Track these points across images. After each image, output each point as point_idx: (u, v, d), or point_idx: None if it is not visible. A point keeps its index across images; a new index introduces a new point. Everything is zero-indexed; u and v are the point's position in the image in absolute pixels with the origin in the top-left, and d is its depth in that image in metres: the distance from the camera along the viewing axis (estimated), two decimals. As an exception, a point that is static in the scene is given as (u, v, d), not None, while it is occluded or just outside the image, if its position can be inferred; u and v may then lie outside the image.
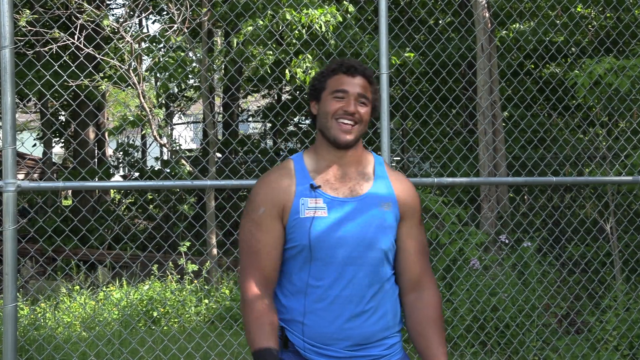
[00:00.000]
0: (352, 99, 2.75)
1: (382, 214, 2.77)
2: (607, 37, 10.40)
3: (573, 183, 7.68)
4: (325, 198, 2.73)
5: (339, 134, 2.74)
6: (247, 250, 2.73)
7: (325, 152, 2.81)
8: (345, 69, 2.79)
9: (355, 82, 2.77)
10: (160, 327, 8.03)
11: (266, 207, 2.72)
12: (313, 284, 2.70)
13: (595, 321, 6.95)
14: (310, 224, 2.68)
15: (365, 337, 2.72)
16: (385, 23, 4.98)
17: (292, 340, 2.72)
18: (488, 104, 8.84)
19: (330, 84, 2.79)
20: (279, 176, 2.78)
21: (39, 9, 9.58)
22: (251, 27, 9.27)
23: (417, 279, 2.86)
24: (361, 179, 2.81)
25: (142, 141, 20.09)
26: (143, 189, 4.61)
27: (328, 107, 2.76)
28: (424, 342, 2.81)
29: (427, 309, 2.84)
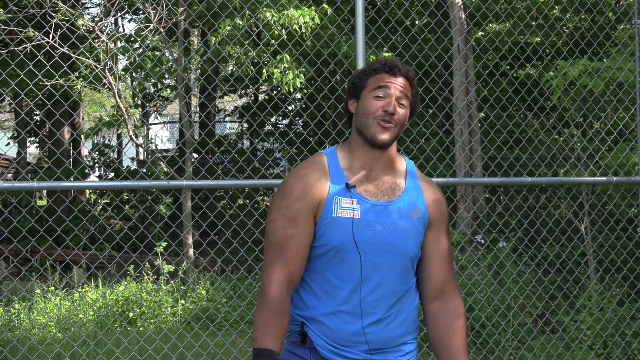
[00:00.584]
0: (393, 99, 2.70)
1: (412, 220, 2.73)
2: (582, 38, 10.49)
3: (548, 183, 7.73)
4: (359, 199, 2.68)
5: (377, 133, 2.68)
6: (278, 246, 2.65)
7: (359, 151, 2.75)
8: (388, 68, 2.74)
9: (397, 83, 2.72)
10: (136, 328, 7.99)
11: (302, 203, 2.65)
12: (338, 286, 2.66)
13: (569, 321, 7.00)
14: (344, 225, 2.64)
15: (384, 341, 2.69)
16: (362, 23, 4.99)
17: (311, 337, 2.68)
18: (464, 105, 8.89)
19: (372, 83, 2.74)
20: (314, 172, 2.71)
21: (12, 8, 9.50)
22: (229, 27, 9.25)
23: (441, 287, 2.82)
24: (393, 183, 2.77)
25: (117, 141, 19.98)
26: (119, 189, 4.59)
27: (368, 106, 2.70)
28: (447, 351, 2.79)
29: (452, 317, 2.81)
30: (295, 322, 2.72)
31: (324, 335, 2.67)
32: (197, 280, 9.77)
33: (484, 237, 8.00)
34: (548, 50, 10.81)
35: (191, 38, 15.38)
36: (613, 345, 6.60)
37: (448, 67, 10.73)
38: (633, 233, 7.68)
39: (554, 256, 8.32)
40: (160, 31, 9.14)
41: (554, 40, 10.99)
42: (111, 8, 9.80)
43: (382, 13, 12.02)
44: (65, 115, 14.07)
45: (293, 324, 2.72)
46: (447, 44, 9.93)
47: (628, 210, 7.53)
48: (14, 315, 8.30)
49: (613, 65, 6.82)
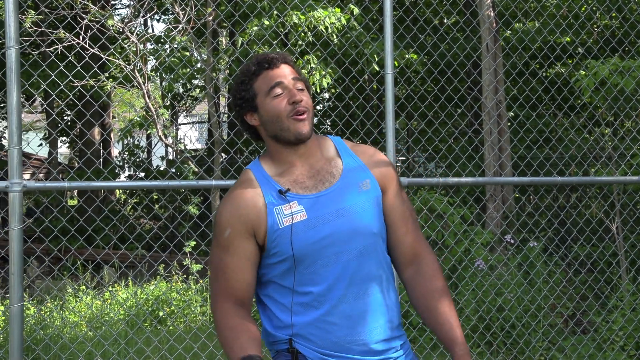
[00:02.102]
0: (292, 88, 2.52)
1: (363, 194, 2.56)
2: (613, 37, 10.39)
3: (579, 183, 7.68)
4: (300, 199, 2.50)
5: (298, 129, 2.50)
6: (217, 275, 2.54)
7: (283, 155, 2.57)
8: (267, 64, 2.55)
9: (283, 72, 2.54)
10: (166, 327, 8.04)
11: (232, 227, 2.50)
12: (312, 292, 2.50)
13: (601, 321, 6.94)
14: (290, 233, 2.47)
15: (376, 339, 2.53)
16: (390, 23, 4.98)
17: (302, 351, 2.52)
18: (493, 104, 8.84)
19: (261, 86, 2.55)
20: (242, 191, 2.54)
21: (44, 9, 9.60)
22: (256, 27, 9.28)
23: (411, 250, 2.64)
24: (328, 166, 2.59)
25: (147, 141, 20.10)
26: (148, 189, 4.63)
27: (274, 109, 2.52)
28: (433, 315, 2.59)
29: (429, 280, 2.61)
30: (280, 342, 2.56)
31: (314, 345, 2.51)
32: (226, 280, 9.79)
33: (513, 237, 7.95)
34: (578, 49, 10.73)
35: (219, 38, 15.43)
36: (645, 346, 6.54)
37: (477, 66, 10.68)
38: (665, 233, 7.60)
39: (585, 256, 8.25)
40: (189, 32, 9.18)
41: (584, 39, 10.90)
42: (140, 9, 9.87)
43: (410, 12, 11.99)
44: (95, 116, 14.19)
45: (280, 343, 2.56)
46: (476, 43, 9.88)
47: (660, 209, 7.45)
48: (46, 314, 8.38)
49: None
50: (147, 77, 9.09)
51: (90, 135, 14.48)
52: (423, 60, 10.47)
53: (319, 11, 9.10)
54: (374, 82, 13.25)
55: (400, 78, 10.83)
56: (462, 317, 7.09)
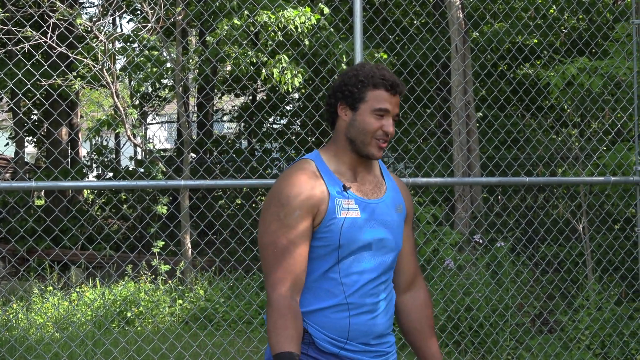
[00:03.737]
0: (391, 118, 2.79)
1: (396, 216, 2.88)
2: (580, 38, 10.49)
3: (546, 183, 7.75)
4: (356, 200, 2.78)
5: (375, 152, 2.79)
6: (280, 254, 2.69)
7: (347, 156, 2.83)
8: (389, 86, 2.78)
9: (394, 102, 2.80)
10: (134, 328, 7.99)
11: (300, 210, 2.70)
12: (339, 282, 2.75)
13: (567, 320, 7.01)
14: (347, 225, 2.73)
15: (376, 332, 2.81)
16: (360, 23, 4.99)
17: (310, 331, 2.74)
18: (462, 105, 8.89)
19: (372, 99, 2.77)
20: (308, 178, 2.76)
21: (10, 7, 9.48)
22: (227, 26, 9.25)
23: (412, 278, 3.00)
24: (377, 182, 2.89)
25: (115, 141, 19.95)
26: (117, 188, 4.59)
27: (368, 125, 2.76)
28: (422, 339, 2.98)
29: (422, 308, 2.99)
30: None
31: (323, 328, 2.74)
32: (195, 280, 9.77)
33: (481, 237, 8.00)
34: (546, 50, 10.82)
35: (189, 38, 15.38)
36: (611, 345, 6.61)
37: (446, 66, 10.73)
38: (631, 233, 7.68)
39: (552, 256, 8.33)
40: (158, 31, 9.13)
41: (552, 40, 11.00)
42: (109, 8, 9.79)
43: (380, 13, 12.02)
44: (63, 115, 14.05)
45: None
46: (445, 44, 9.93)
47: (626, 210, 7.54)
48: (11, 315, 8.29)
49: (611, 64, 6.83)
50: (115, 77, 9.02)
51: (58, 134, 14.34)
52: (392, 60, 10.50)
53: (289, 11, 9.08)
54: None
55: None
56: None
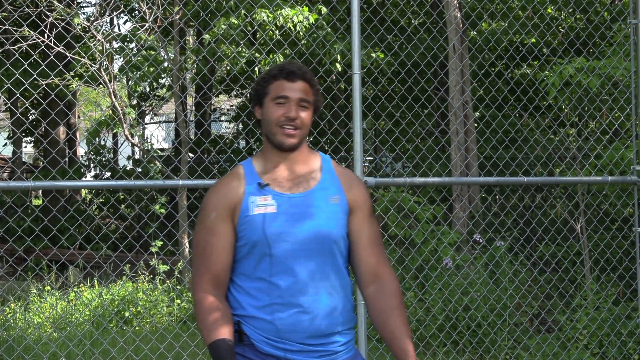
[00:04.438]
0: (293, 104, 2.82)
1: (331, 206, 2.85)
2: (577, 38, 10.50)
3: (544, 183, 7.75)
4: (274, 195, 2.81)
5: (283, 139, 2.82)
6: (201, 255, 2.82)
7: (271, 154, 2.89)
8: (285, 74, 2.85)
9: (295, 87, 2.84)
10: (132, 328, 7.98)
11: (217, 211, 2.81)
12: (265, 279, 2.77)
13: (565, 320, 7.01)
14: (260, 221, 2.77)
15: (318, 330, 2.79)
16: (358, 23, 4.98)
17: (248, 333, 2.79)
18: (460, 105, 8.89)
19: (272, 90, 2.85)
20: (228, 181, 2.87)
21: (8, 7, 9.48)
22: (224, 26, 9.24)
23: (374, 270, 2.92)
24: (308, 176, 2.90)
25: (113, 140, 19.94)
26: (115, 188, 4.59)
27: (271, 114, 2.84)
28: (389, 331, 2.87)
29: (388, 298, 2.90)
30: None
31: (260, 329, 2.77)
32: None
33: (480, 237, 8.00)
34: (544, 49, 10.83)
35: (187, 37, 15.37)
36: (609, 344, 6.61)
37: (444, 66, 10.73)
38: (628, 232, 7.68)
39: (550, 255, 8.33)
40: (156, 31, 9.12)
41: (550, 40, 11.00)
42: (106, 7, 9.78)
43: (378, 13, 12.02)
44: (60, 115, 14.05)
45: None
46: (443, 44, 9.93)
47: (623, 209, 7.55)
48: (9, 315, 8.29)
49: (608, 64, 6.83)
50: (113, 76, 9.01)
51: (55, 134, 14.33)
52: (390, 60, 10.50)
53: (287, 10, 9.08)
54: (342, 82, 13.27)
55: (368, 78, 10.86)
56: (428, 316, 7.13)
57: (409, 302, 7.39)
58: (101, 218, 15.91)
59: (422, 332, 7.07)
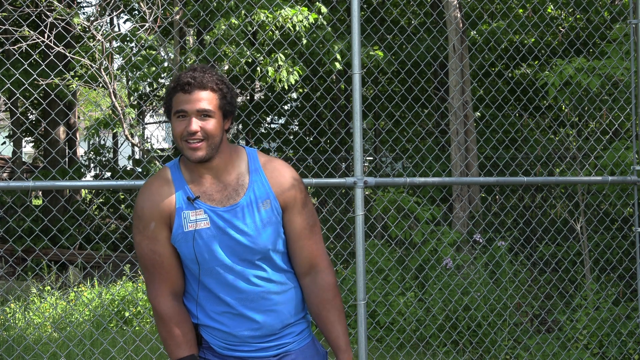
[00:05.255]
0: (193, 116, 2.71)
1: (263, 214, 2.80)
2: (577, 38, 10.50)
3: (544, 183, 7.74)
4: (206, 209, 2.75)
5: (190, 154, 2.73)
6: (151, 266, 2.77)
7: (193, 166, 2.81)
8: (181, 87, 2.74)
9: (193, 99, 2.72)
10: (132, 328, 7.98)
11: (155, 220, 2.75)
12: (211, 292, 2.79)
13: (565, 320, 7.01)
14: (193, 238, 2.73)
15: (272, 329, 2.82)
16: (358, 23, 4.99)
17: (206, 337, 2.83)
18: (460, 104, 8.89)
19: (173, 104, 2.76)
20: (159, 187, 2.79)
21: (7, 7, 9.47)
22: (224, 26, 9.24)
23: (308, 262, 2.91)
24: (236, 183, 2.82)
25: (113, 140, 19.94)
26: (115, 188, 4.59)
27: (174, 129, 2.75)
28: (323, 323, 2.92)
29: (321, 291, 2.90)
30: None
31: (216, 336, 2.82)
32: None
33: (480, 237, 8.00)
34: (544, 50, 10.82)
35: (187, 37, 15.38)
36: (609, 344, 6.61)
37: (444, 66, 10.73)
38: (628, 232, 7.69)
39: (550, 255, 8.33)
40: (156, 30, 9.12)
41: (550, 40, 11.00)
42: (107, 7, 9.78)
43: (378, 12, 12.02)
44: (60, 115, 14.04)
45: None
46: (443, 44, 9.93)
47: (623, 209, 7.55)
48: (9, 315, 8.28)
49: (608, 64, 6.83)
50: (113, 76, 9.01)
51: (55, 134, 14.33)
52: (390, 60, 10.50)
53: (287, 10, 9.08)
54: (342, 82, 13.26)
55: (368, 78, 10.86)
56: (428, 316, 7.12)
57: (408, 302, 7.39)
58: (101, 218, 15.90)
59: (422, 332, 7.07)
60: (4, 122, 20.60)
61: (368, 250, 7.67)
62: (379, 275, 7.64)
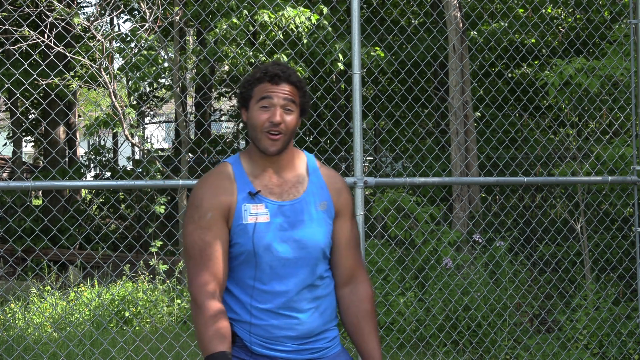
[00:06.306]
0: (278, 108, 2.77)
1: (319, 214, 2.86)
2: (577, 38, 10.50)
3: (544, 183, 7.75)
4: (267, 203, 2.79)
5: (267, 145, 2.77)
6: (198, 256, 2.76)
7: (258, 157, 2.85)
8: (269, 77, 2.79)
9: (279, 91, 2.78)
10: (132, 328, 7.98)
11: (213, 212, 2.75)
12: (258, 287, 2.78)
13: (565, 320, 7.01)
14: (253, 230, 2.75)
15: (309, 331, 2.82)
16: (358, 23, 4.99)
17: (240, 335, 2.80)
18: (460, 104, 8.89)
19: (257, 93, 2.80)
20: (221, 180, 2.82)
21: (8, 7, 9.48)
22: (225, 26, 9.24)
23: (350, 272, 2.95)
24: (296, 181, 2.87)
25: (113, 140, 19.95)
26: (115, 188, 4.59)
27: (255, 119, 2.78)
28: (359, 335, 2.94)
29: (361, 302, 2.95)
30: None
31: (253, 333, 2.79)
32: (193, 280, 9.74)
33: (480, 237, 8.01)
34: (544, 49, 10.83)
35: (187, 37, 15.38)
36: (609, 344, 6.61)
37: (444, 66, 10.73)
38: (628, 232, 7.68)
39: (550, 255, 8.33)
40: (156, 31, 9.12)
41: (550, 40, 11.01)
42: (107, 7, 9.78)
43: (378, 13, 12.02)
44: (60, 115, 14.04)
45: None
46: (443, 44, 9.93)
47: (623, 209, 7.55)
48: (9, 315, 8.28)
49: (608, 64, 6.83)
50: (113, 76, 9.01)
51: (56, 134, 14.33)
52: (390, 60, 10.50)
53: (288, 10, 9.09)
54: (342, 82, 13.27)
55: (368, 78, 10.86)
56: (428, 316, 7.13)
57: (408, 302, 7.40)
58: (101, 218, 15.91)
59: (422, 332, 7.07)
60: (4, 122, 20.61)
61: (368, 250, 7.67)
62: (379, 275, 7.64)
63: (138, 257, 9.21)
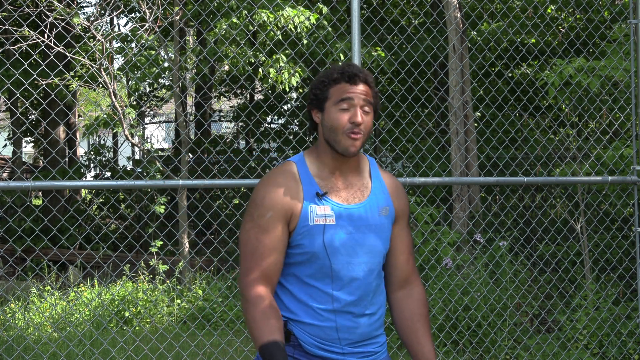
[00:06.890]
0: (358, 109, 2.75)
1: (382, 219, 2.85)
2: (577, 38, 10.50)
3: (544, 183, 7.75)
4: (332, 205, 2.77)
5: (347, 146, 2.74)
6: (252, 253, 2.74)
7: (328, 159, 2.82)
8: (347, 77, 2.77)
9: (358, 91, 2.77)
10: (132, 328, 7.98)
11: (273, 211, 2.73)
12: (320, 288, 2.77)
13: (565, 320, 7.01)
14: (321, 232, 2.74)
15: (366, 334, 2.82)
16: (358, 23, 4.99)
17: (296, 334, 2.77)
18: (460, 104, 8.89)
19: (334, 94, 2.78)
20: (285, 180, 2.79)
21: (8, 7, 9.48)
22: (225, 25, 9.25)
23: (405, 276, 2.96)
24: (362, 184, 2.86)
25: (113, 140, 19.94)
26: (115, 188, 4.59)
27: (335, 120, 2.75)
28: (414, 337, 2.92)
29: (416, 305, 2.95)
30: None
31: (308, 332, 2.77)
32: (193, 280, 9.76)
33: (480, 237, 8.01)
34: (544, 50, 10.83)
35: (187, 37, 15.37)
36: (609, 344, 6.61)
37: (444, 66, 10.73)
38: (628, 232, 7.69)
39: (550, 255, 8.33)
40: (156, 31, 9.12)
41: (550, 40, 11.01)
42: (107, 7, 9.78)
43: (378, 12, 12.02)
44: (60, 115, 14.03)
45: None
46: (443, 44, 9.94)
47: (623, 209, 7.54)
48: (9, 315, 8.28)
49: (608, 64, 6.83)
50: (113, 76, 9.01)
51: (55, 134, 14.33)
52: (390, 60, 10.50)
53: (288, 10, 9.08)
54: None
55: (368, 78, 10.83)
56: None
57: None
58: (101, 218, 15.91)
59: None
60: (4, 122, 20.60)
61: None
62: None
63: (138, 257, 9.21)
